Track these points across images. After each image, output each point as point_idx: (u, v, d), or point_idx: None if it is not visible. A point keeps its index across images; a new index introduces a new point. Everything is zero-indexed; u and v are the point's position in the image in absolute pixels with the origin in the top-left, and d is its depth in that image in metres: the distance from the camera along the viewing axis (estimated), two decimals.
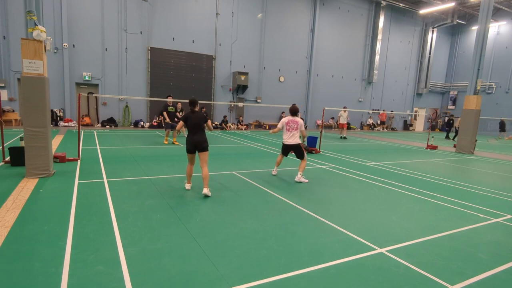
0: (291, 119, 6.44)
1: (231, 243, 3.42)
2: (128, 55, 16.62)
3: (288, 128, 6.44)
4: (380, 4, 23.48)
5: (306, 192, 5.67)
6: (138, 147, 9.85)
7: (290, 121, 6.43)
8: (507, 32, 25.05)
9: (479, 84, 13.03)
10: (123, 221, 3.83)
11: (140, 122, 17.17)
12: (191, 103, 5.33)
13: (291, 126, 6.42)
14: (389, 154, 11.40)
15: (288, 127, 6.44)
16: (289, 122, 6.43)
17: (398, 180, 7.02)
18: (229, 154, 9.60)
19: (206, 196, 5.02)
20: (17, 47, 13.92)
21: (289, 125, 6.43)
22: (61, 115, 15.50)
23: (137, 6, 16.44)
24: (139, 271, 2.76)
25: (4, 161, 6.70)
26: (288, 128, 6.44)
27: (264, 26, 19.98)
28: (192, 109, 5.32)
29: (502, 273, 3.10)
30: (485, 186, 6.95)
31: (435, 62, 27.88)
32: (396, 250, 3.46)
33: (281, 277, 2.79)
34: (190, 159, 5.30)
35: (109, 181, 5.69)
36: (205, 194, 5.01)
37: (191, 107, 5.33)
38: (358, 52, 24.08)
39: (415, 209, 5.03)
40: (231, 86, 19.55)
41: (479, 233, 4.14)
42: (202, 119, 5.29)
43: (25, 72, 5.41)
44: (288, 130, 6.44)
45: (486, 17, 12.73)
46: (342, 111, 16.50)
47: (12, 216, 3.80)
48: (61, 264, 2.80)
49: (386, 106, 26.22)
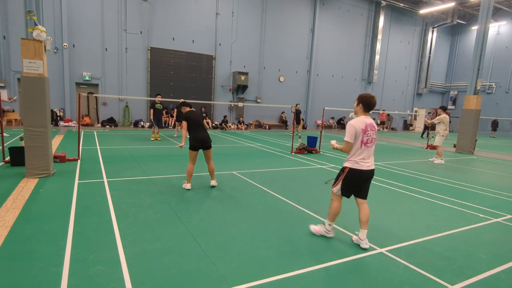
0: (369, 123, 3.48)
1: (231, 243, 3.42)
2: (128, 55, 16.62)
3: (367, 141, 3.45)
4: (380, 4, 23.47)
5: (306, 192, 5.67)
6: (138, 147, 9.85)
7: (368, 126, 3.45)
8: (507, 32, 25.05)
9: (479, 84, 13.03)
10: (123, 221, 3.83)
11: (140, 122, 17.17)
12: (186, 104, 5.57)
13: (371, 136, 3.48)
14: (389, 154, 11.40)
15: (367, 138, 3.44)
16: (367, 127, 3.44)
17: (398, 180, 7.02)
18: (229, 154, 9.60)
19: (213, 187, 5.55)
20: (17, 47, 13.91)
21: (367, 134, 3.44)
22: (61, 115, 15.50)
23: (137, 6, 16.44)
24: (139, 271, 2.76)
25: (4, 161, 6.70)
26: (366, 141, 3.44)
27: (264, 26, 19.97)
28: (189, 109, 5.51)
29: (502, 273, 3.10)
30: (485, 186, 6.95)
31: (435, 62, 27.88)
32: (396, 250, 3.46)
33: (281, 277, 2.79)
34: (193, 157, 5.36)
35: (109, 181, 5.69)
36: (213, 185, 5.56)
37: (187, 107, 5.53)
38: (358, 52, 24.07)
39: (415, 209, 5.03)
40: (231, 86, 19.54)
41: (479, 233, 4.14)
42: (201, 116, 5.54)
43: (25, 72, 5.41)
44: (367, 144, 3.46)
45: (486, 17, 12.73)
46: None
47: (12, 216, 3.80)
48: (61, 264, 2.80)
49: (386, 106, 26.21)
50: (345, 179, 3.47)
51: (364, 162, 3.41)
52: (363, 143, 3.41)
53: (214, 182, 5.60)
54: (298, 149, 10.36)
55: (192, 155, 5.35)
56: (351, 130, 3.38)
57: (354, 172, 3.42)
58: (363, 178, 3.46)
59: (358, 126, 3.39)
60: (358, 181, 3.47)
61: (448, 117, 9.74)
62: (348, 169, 3.45)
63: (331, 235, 3.71)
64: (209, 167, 5.58)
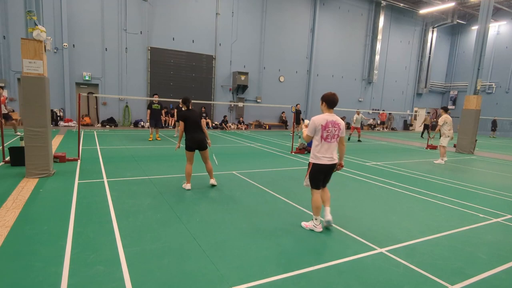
0: (330, 120, 3.76)
1: (231, 243, 3.42)
2: (128, 55, 16.62)
3: (327, 137, 3.75)
4: (380, 4, 23.47)
5: (306, 192, 5.66)
6: (138, 147, 9.85)
7: (329, 123, 3.74)
8: (507, 32, 25.05)
9: (479, 84, 13.02)
10: (123, 221, 3.83)
11: (140, 122, 17.17)
12: (185, 101, 5.46)
13: (332, 132, 3.76)
14: (389, 154, 11.40)
15: (327, 133, 3.75)
16: (328, 124, 3.74)
17: (398, 180, 7.02)
18: (229, 154, 9.60)
19: (213, 186, 5.59)
20: (17, 47, 13.91)
21: (327, 130, 3.75)
22: (61, 115, 15.50)
23: (137, 6, 16.44)
24: (139, 271, 2.76)
25: (4, 161, 6.70)
26: (326, 136, 3.75)
27: (264, 26, 19.97)
28: (187, 107, 5.49)
29: (502, 273, 3.10)
30: (485, 186, 6.95)
31: (435, 62, 27.87)
32: (396, 250, 3.46)
33: (281, 277, 2.79)
34: (189, 158, 5.38)
35: (109, 181, 5.69)
36: (212, 184, 5.59)
37: (186, 105, 5.47)
38: (358, 52, 24.07)
39: (415, 209, 5.03)
40: (231, 86, 19.54)
41: (479, 233, 4.14)
42: (199, 117, 5.44)
43: (25, 72, 5.41)
44: (327, 139, 3.76)
45: (486, 17, 12.73)
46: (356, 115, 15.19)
47: (12, 216, 3.80)
48: (61, 264, 2.80)
49: (386, 106, 26.22)
50: (311, 173, 3.85)
51: (324, 156, 3.77)
52: (322, 138, 3.75)
53: (214, 180, 5.62)
54: (298, 149, 10.36)
55: (188, 156, 5.38)
56: (311, 125, 3.78)
57: (317, 167, 3.81)
58: (325, 171, 3.84)
59: (318, 122, 3.74)
60: (322, 174, 3.86)
61: (450, 117, 9.72)
62: (312, 164, 3.84)
63: (319, 230, 3.86)
64: (206, 167, 5.61)
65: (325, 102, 3.79)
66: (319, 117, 3.77)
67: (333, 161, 3.81)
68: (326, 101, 3.78)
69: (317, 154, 3.78)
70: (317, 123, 3.73)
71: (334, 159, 3.81)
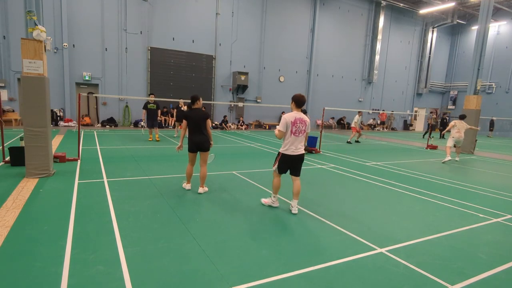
0: (298, 117, 4.44)
1: (231, 243, 3.42)
2: (128, 55, 16.61)
3: (295, 131, 4.44)
4: (380, 4, 23.47)
5: (306, 192, 5.66)
6: (138, 147, 9.85)
7: (297, 120, 4.41)
8: (507, 32, 25.05)
9: (479, 84, 13.03)
10: (123, 221, 3.83)
11: (140, 122, 17.14)
12: (190, 100, 5.25)
13: (299, 127, 4.45)
14: (389, 154, 11.40)
15: (295, 128, 4.42)
16: (297, 121, 4.40)
17: (398, 180, 7.02)
18: (229, 154, 9.60)
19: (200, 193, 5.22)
20: (17, 47, 13.91)
21: (296, 126, 4.42)
22: (61, 115, 15.49)
23: (137, 6, 16.44)
24: (139, 271, 2.76)
25: (4, 161, 6.70)
26: (295, 131, 4.43)
27: (264, 26, 19.97)
28: (191, 106, 5.22)
29: (502, 273, 3.11)
30: (485, 186, 6.95)
31: (435, 62, 27.88)
32: (396, 250, 3.46)
33: (281, 277, 2.79)
34: (191, 159, 5.26)
35: (109, 181, 5.69)
36: (200, 192, 5.20)
37: (191, 104, 5.23)
38: (358, 52, 24.07)
39: (415, 209, 5.03)
40: (231, 86, 19.54)
41: (479, 233, 4.14)
42: (201, 117, 5.08)
43: (25, 72, 5.41)
44: (295, 134, 4.45)
45: (486, 17, 12.73)
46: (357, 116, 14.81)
47: (12, 216, 3.80)
48: (61, 264, 2.80)
49: (386, 106, 26.22)
50: (280, 161, 4.56)
51: (292, 148, 4.46)
52: (292, 132, 4.42)
53: (202, 189, 5.20)
54: None
55: (190, 157, 5.25)
56: (283, 121, 4.39)
57: (285, 157, 4.51)
58: (292, 161, 4.52)
59: (288, 119, 4.39)
60: (289, 163, 4.54)
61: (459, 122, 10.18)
62: (281, 154, 4.55)
63: (276, 205, 4.70)
64: (201, 170, 5.18)
65: (294, 102, 4.45)
66: (289, 115, 4.41)
67: (298, 152, 4.49)
68: (295, 101, 4.44)
69: (286, 146, 4.46)
70: (287, 120, 4.37)
71: (300, 151, 4.50)
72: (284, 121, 4.38)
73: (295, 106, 4.46)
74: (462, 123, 10.20)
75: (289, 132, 4.41)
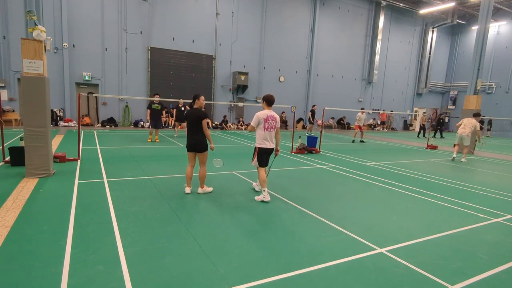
0: (270, 114, 5.05)
1: (231, 243, 3.42)
2: (128, 55, 16.62)
3: (268, 127, 5.04)
4: (380, 4, 23.47)
5: (305, 192, 5.67)
6: (138, 147, 9.85)
7: (269, 117, 5.03)
8: (507, 32, 25.05)
9: (479, 84, 13.02)
10: (123, 221, 3.83)
11: (140, 122, 17.17)
12: (192, 98, 5.25)
13: (271, 123, 5.06)
14: (389, 154, 11.40)
15: (267, 124, 5.02)
16: (268, 118, 5.02)
17: (398, 180, 7.02)
18: (229, 154, 9.60)
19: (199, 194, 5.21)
20: (17, 47, 13.91)
21: (268, 122, 5.02)
22: (61, 115, 15.50)
23: (137, 6, 16.44)
24: (139, 271, 2.76)
25: (4, 161, 6.70)
26: (268, 127, 5.04)
27: (264, 26, 19.97)
28: (192, 105, 5.20)
29: (502, 273, 3.11)
30: (485, 186, 6.95)
31: (435, 62, 27.87)
32: (396, 250, 3.46)
33: (281, 277, 2.79)
34: (189, 159, 5.17)
35: (109, 181, 5.69)
36: (199, 193, 5.20)
37: (192, 103, 5.22)
38: (358, 52, 24.07)
39: (415, 209, 5.03)
40: (231, 86, 19.55)
41: (479, 233, 4.14)
42: (198, 117, 4.98)
43: (25, 72, 5.41)
44: (268, 129, 5.05)
45: (486, 17, 12.73)
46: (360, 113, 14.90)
47: (12, 216, 3.80)
48: (61, 264, 2.80)
49: (386, 106, 26.21)
50: (258, 155, 5.11)
51: (266, 142, 5.07)
52: (265, 128, 5.01)
53: (201, 189, 5.19)
54: (298, 149, 10.36)
55: (188, 157, 5.17)
56: (256, 119, 5.00)
57: (261, 150, 5.09)
58: (267, 153, 5.14)
59: (261, 116, 4.99)
60: (265, 155, 5.13)
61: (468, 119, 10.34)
62: (258, 149, 5.10)
63: (268, 199, 4.96)
64: (199, 171, 5.16)
65: (265, 101, 5.10)
66: (262, 112, 5.03)
67: (271, 146, 5.14)
68: (266, 100, 5.09)
69: (261, 140, 5.05)
70: (260, 117, 4.98)
71: (272, 145, 5.14)
72: (256, 118, 4.99)
73: (266, 105, 5.09)
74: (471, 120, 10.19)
75: (262, 128, 5.01)
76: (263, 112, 5.01)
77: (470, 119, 10.20)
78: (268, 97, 5.11)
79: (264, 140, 5.04)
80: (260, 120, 4.97)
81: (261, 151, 5.08)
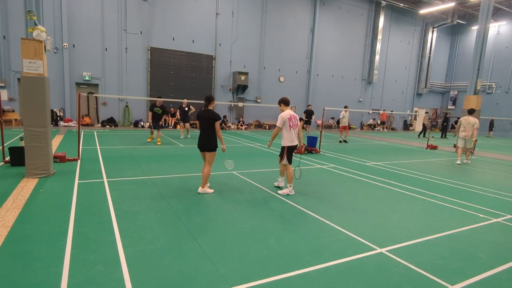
0: (292, 114, 5.47)
1: (231, 243, 3.42)
2: (128, 55, 16.61)
3: (292, 125, 5.43)
4: (380, 4, 23.47)
5: (306, 192, 5.67)
6: (138, 147, 9.84)
7: (292, 116, 5.43)
8: (507, 32, 25.05)
9: (479, 84, 13.03)
10: (123, 221, 3.83)
11: (140, 122, 17.17)
12: (205, 100, 5.29)
13: (294, 122, 5.47)
14: (389, 154, 11.40)
15: (291, 123, 5.41)
16: (291, 117, 5.42)
17: (398, 180, 7.02)
18: (229, 154, 9.58)
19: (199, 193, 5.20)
20: (17, 47, 13.91)
21: (291, 121, 5.42)
22: (61, 115, 15.49)
23: (137, 6, 16.44)
24: (139, 271, 2.76)
25: (4, 161, 6.70)
26: (292, 126, 5.42)
27: (264, 26, 19.97)
28: (207, 106, 5.25)
29: (502, 273, 3.11)
30: (485, 186, 6.95)
31: (435, 62, 27.88)
32: (396, 250, 3.46)
33: (281, 277, 2.79)
34: (203, 158, 5.41)
35: (109, 181, 5.69)
36: (199, 192, 5.21)
37: (207, 104, 5.26)
38: (358, 52, 24.07)
39: (415, 209, 5.03)
40: (231, 86, 19.54)
41: (479, 233, 4.14)
42: (210, 119, 5.11)
43: (25, 72, 5.41)
44: (292, 128, 5.43)
45: (486, 17, 12.74)
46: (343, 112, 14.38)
47: (12, 216, 3.80)
48: (61, 264, 2.80)
49: (386, 106, 26.22)
50: (287, 153, 5.46)
51: (291, 140, 5.43)
52: (290, 127, 5.40)
53: (201, 189, 5.21)
54: (298, 149, 10.34)
55: (201, 156, 5.40)
56: (280, 119, 5.36)
57: (290, 148, 5.46)
58: (293, 150, 5.52)
59: (285, 116, 5.37)
60: (292, 152, 5.51)
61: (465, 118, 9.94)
62: (286, 147, 5.45)
63: (293, 193, 5.37)
64: (204, 169, 5.23)
65: (283, 103, 5.50)
66: (285, 113, 5.40)
67: (296, 143, 5.51)
68: (283, 102, 5.51)
69: (289, 139, 5.40)
70: (284, 117, 5.36)
71: (296, 141, 5.51)
72: (281, 118, 5.33)
73: (284, 105, 5.49)
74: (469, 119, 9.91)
75: (287, 127, 5.36)
76: (286, 113, 5.38)
77: (467, 118, 9.94)
78: (285, 98, 5.53)
79: (291, 138, 5.40)
80: (285, 120, 5.32)
81: (290, 149, 5.43)
